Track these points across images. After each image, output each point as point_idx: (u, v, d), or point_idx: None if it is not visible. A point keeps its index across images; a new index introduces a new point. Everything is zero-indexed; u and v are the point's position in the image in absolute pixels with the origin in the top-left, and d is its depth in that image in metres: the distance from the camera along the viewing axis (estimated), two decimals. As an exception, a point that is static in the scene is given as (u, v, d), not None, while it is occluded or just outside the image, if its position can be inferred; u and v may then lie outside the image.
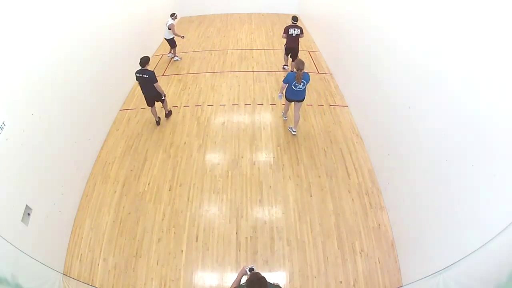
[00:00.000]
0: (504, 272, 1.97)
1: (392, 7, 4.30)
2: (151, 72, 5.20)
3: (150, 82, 5.18)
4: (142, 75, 5.15)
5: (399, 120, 3.98)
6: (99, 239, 4.08)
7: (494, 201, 2.32)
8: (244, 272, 2.62)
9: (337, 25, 6.87)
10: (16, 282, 2.62)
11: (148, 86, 5.27)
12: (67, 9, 4.48)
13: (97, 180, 4.85)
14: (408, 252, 3.63)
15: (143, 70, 5.16)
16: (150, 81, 5.17)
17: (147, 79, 5.14)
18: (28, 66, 3.55)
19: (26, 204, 3.27)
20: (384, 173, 4.49)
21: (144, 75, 5.14)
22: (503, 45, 2.30)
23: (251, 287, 2.12)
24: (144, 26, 7.90)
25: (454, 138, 2.83)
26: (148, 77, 5.13)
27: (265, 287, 2.13)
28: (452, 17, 2.95)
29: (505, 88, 2.26)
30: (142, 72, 5.15)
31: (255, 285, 2.12)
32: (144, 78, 5.16)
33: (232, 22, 11.16)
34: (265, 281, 2.14)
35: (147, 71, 5.16)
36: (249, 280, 2.18)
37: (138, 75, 5.20)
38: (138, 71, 5.18)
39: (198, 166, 5.01)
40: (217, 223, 4.21)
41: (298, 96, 5.11)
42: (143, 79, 5.17)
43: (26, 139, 3.37)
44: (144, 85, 5.30)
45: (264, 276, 2.17)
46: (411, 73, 3.67)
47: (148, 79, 5.14)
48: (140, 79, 5.23)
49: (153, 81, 5.18)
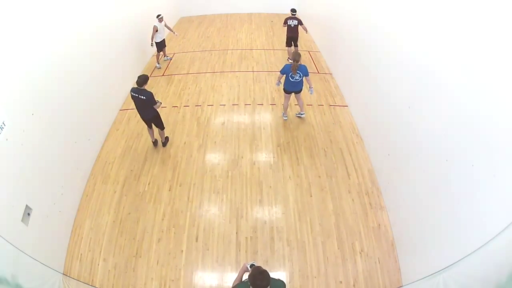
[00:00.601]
0: (504, 272, 1.97)
1: (392, 7, 4.30)
2: (149, 93, 4.58)
3: (147, 104, 4.64)
4: (139, 95, 4.53)
5: (399, 120, 3.98)
6: (99, 239, 4.08)
7: (494, 201, 2.32)
8: (245, 268, 2.63)
9: (337, 25, 6.87)
10: (16, 282, 2.62)
11: (145, 108, 4.73)
12: (67, 9, 4.48)
13: (97, 180, 4.85)
14: (408, 252, 3.63)
15: (140, 90, 4.54)
16: (148, 103, 4.62)
17: (144, 100, 4.56)
18: (28, 66, 3.55)
19: (26, 204, 3.27)
20: (384, 173, 4.49)
21: (140, 96, 4.53)
22: (503, 45, 2.29)
23: (254, 280, 2.12)
24: (144, 26, 7.89)
25: (454, 138, 2.83)
26: (145, 98, 4.53)
27: (268, 280, 2.13)
28: (452, 17, 2.95)
29: (505, 88, 2.26)
30: (139, 93, 4.53)
31: (258, 278, 2.12)
32: (141, 100, 4.57)
33: (232, 22, 11.16)
34: (267, 274, 2.15)
35: (144, 92, 4.54)
36: (251, 274, 2.18)
37: (133, 95, 4.60)
38: (134, 90, 4.58)
39: (198, 166, 5.01)
40: (217, 223, 4.21)
41: (296, 87, 5.43)
42: (140, 100, 4.59)
43: (26, 139, 3.37)
44: (140, 107, 4.76)
45: (266, 271, 2.17)
46: (411, 73, 3.66)
47: (145, 101, 4.57)
48: (136, 100, 4.65)
49: (151, 103, 4.64)
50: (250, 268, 2.54)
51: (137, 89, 4.56)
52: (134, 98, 4.63)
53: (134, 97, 4.62)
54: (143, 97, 4.52)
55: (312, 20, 9.64)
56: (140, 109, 4.81)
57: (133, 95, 4.61)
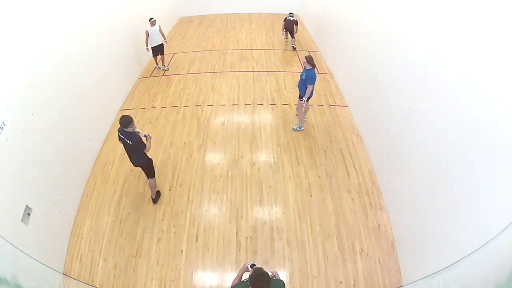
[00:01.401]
0: (504, 272, 1.97)
1: (392, 7, 4.30)
2: (137, 137, 3.85)
3: (135, 149, 3.95)
4: (125, 138, 3.85)
5: (399, 120, 3.98)
6: (99, 239, 4.08)
7: (494, 201, 2.32)
8: (246, 268, 2.62)
9: (337, 25, 6.87)
10: (16, 282, 2.62)
11: (132, 152, 4.05)
12: (68, 10, 4.49)
13: (97, 180, 4.85)
14: (408, 252, 3.63)
15: (127, 133, 3.81)
16: (135, 149, 3.93)
17: (131, 146, 3.86)
18: (29, 66, 3.55)
19: (26, 204, 3.27)
20: (384, 173, 4.49)
21: (127, 140, 3.84)
22: (503, 45, 2.30)
23: (254, 281, 2.12)
24: (144, 27, 7.89)
25: (454, 138, 2.83)
26: (132, 143, 3.83)
27: (268, 282, 2.13)
28: (452, 17, 2.95)
29: (505, 88, 2.26)
30: (125, 135, 3.83)
31: (258, 280, 2.12)
32: (128, 144, 3.88)
33: (232, 22, 11.16)
34: (268, 276, 2.15)
35: (131, 136, 3.82)
36: (252, 275, 2.18)
37: (120, 136, 3.93)
38: (120, 131, 3.88)
39: (198, 166, 5.01)
40: (217, 223, 4.21)
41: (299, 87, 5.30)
42: (127, 144, 3.90)
43: (26, 139, 3.37)
44: (128, 151, 4.06)
45: (267, 272, 2.17)
46: (411, 73, 3.66)
47: (132, 146, 3.87)
48: (123, 143, 3.99)
49: (139, 149, 3.94)
50: (250, 268, 2.54)
51: (123, 131, 3.82)
52: (121, 140, 3.95)
53: (120, 139, 3.94)
54: (130, 142, 3.82)
55: (312, 20, 9.65)
56: (128, 153, 4.10)
57: (120, 137, 3.93)
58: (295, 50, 8.65)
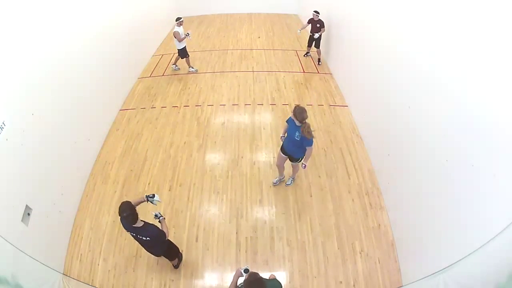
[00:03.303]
0: (504, 272, 1.97)
1: (392, 7, 4.30)
2: (153, 228, 3.01)
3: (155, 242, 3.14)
4: (141, 236, 2.99)
5: (399, 120, 3.98)
6: (99, 239, 4.08)
7: (494, 201, 2.33)
8: (239, 273, 2.61)
9: (337, 25, 6.87)
10: (16, 282, 2.63)
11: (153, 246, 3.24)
12: (68, 10, 4.48)
13: (97, 180, 4.85)
14: (408, 252, 3.63)
15: (137, 229, 2.93)
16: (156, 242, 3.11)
17: (149, 242, 3.06)
18: (29, 66, 3.55)
19: (26, 204, 3.27)
20: (384, 173, 4.49)
21: (142, 237, 2.99)
22: (503, 45, 2.29)
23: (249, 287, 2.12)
24: (144, 27, 7.90)
25: (454, 138, 2.83)
26: (150, 239, 3.02)
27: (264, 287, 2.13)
28: (452, 17, 2.95)
29: (505, 88, 2.26)
30: (138, 233, 2.96)
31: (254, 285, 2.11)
32: (145, 241, 3.05)
33: (232, 22, 11.15)
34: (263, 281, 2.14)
35: (144, 230, 2.97)
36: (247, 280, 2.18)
37: (132, 235, 3.04)
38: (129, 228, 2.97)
39: (198, 166, 5.01)
40: (217, 223, 4.21)
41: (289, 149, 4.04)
42: (143, 241, 3.07)
43: (26, 139, 3.37)
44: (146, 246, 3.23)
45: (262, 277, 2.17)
46: (411, 73, 3.66)
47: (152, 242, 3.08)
48: (138, 241, 3.11)
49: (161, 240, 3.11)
50: (244, 273, 2.53)
51: (133, 228, 2.94)
52: (136, 238, 3.09)
53: (135, 237, 3.07)
54: (147, 238, 3.00)
55: (312, 20, 9.62)
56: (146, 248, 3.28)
57: (134, 236, 3.05)
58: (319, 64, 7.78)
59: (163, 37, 9.87)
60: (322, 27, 7.09)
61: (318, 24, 7.11)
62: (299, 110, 3.55)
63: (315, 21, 7.13)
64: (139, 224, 2.93)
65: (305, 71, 7.60)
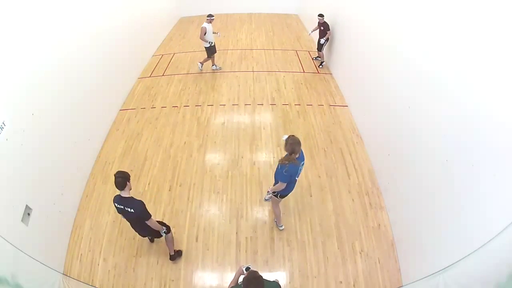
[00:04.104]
0: (504, 272, 1.97)
1: (392, 7, 4.30)
2: (138, 203, 3.05)
3: (138, 218, 3.16)
4: (125, 207, 3.04)
5: (399, 120, 3.98)
6: (99, 239, 4.08)
7: (494, 201, 2.33)
8: (241, 271, 2.62)
9: (337, 25, 6.87)
10: (16, 282, 2.62)
11: (137, 222, 3.29)
12: (68, 10, 4.48)
13: (97, 180, 4.85)
14: (408, 252, 3.63)
15: (124, 199, 3.02)
16: (139, 217, 3.13)
17: (133, 214, 3.07)
18: (29, 66, 3.55)
19: (26, 204, 3.27)
20: (384, 173, 4.49)
21: (127, 208, 3.03)
22: (503, 45, 2.30)
23: (248, 285, 2.12)
24: (144, 27, 7.91)
25: (454, 138, 2.83)
26: (134, 212, 3.04)
27: (262, 286, 2.12)
28: (452, 17, 2.95)
29: (505, 88, 2.26)
30: (124, 203, 3.03)
31: (252, 283, 2.11)
32: (129, 213, 3.08)
33: (232, 22, 11.15)
34: (262, 280, 2.14)
35: (131, 202, 3.03)
36: (246, 278, 2.18)
37: (118, 207, 3.10)
38: (117, 200, 3.07)
39: (198, 166, 5.01)
40: (217, 223, 4.21)
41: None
42: (127, 214, 3.10)
43: (26, 139, 3.37)
44: (131, 222, 3.31)
45: (261, 275, 2.17)
46: (411, 73, 3.67)
47: (134, 215, 3.08)
48: (123, 213, 3.16)
49: (144, 218, 3.12)
50: (245, 271, 2.54)
51: (119, 198, 3.03)
52: (120, 210, 3.13)
53: (119, 209, 3.12)
54: (131, 209, 3.03)
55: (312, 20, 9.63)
56: (131, 223, 3.36)
57: (118, 208, 3.11)
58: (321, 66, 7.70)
59: (163, 37, 9.89)
60: (327, 30, 6.99)
61: (322, 28, 7.05)
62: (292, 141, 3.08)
63: (320, 24, 7.06)
64: (127, 195, 3.03)
65: (305, 71, 7.60)
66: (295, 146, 3.08)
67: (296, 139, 3.13)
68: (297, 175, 3.34)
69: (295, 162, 3.16)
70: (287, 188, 3.40)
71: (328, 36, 7.05)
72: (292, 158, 3.13)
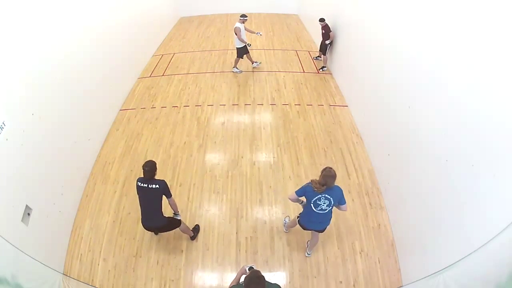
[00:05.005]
0: (504, 272, 1.97)
1: (392, 7, 4.30)
2: (162, 181, 3.37)
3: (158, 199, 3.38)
4: (149, 185, 3.30)
5: (399, 120, 3.98)
6: (99, 239, 4.08)
7: (494, 201, 2.33)
8: (244, 271, 2.62)
9: (337, 25, 6.87)
10: (16, 282, 2.62)
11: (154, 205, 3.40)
12: (68, 10, 4.48)
13: (97, 180, 4.85)
14: (408, 252, 3.63)
15: (149, 180, 3.32)
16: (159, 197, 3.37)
17: (157, 190, 3.30)
18: (29, 66, 3.55)
19: (26, 204, 3.27)
20: (384, 173, 4.49)
21: (151, 185, 3.29)
22: (503, 45, 2.30)
23: (249, 284, 2.11)
24: (144, 27, 7.91)
25: (454, 138, 2.83)
26: (159, 187, 3.30)
27: (263, 285, 2.12)
28: (452, 17, 2.95)
29: (505, 88, 2.26)
30: (148, 182, 3.31)
31: (252, 283, 2.11)
32: (152, 190, 3.30)
33: (232, 22, 11.08)
34: (263, 280, 2.14)
35: (155, 180, 3.35)
36: (248, 277, 2.17)
37: (141, 186, 3.34)
38: (140, 179, 3.37)
39: (198, 166, 5.01)
40: (217, 223, 4.21)
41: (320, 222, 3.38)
42: (150, 192, 3.31)
43: (26, 139, 3.37)
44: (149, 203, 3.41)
45: (264, 275, 2.17)
46: (411, 73, 3.67)
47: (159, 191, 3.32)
48: (144, 192, 3.35)
49: (166, 194, 3.42)
50: (248, 270, 2.54)
51: (145, 180, 3.33)
52: (141, 190, 3.35)
53: (141, 188, 3.34)
54: (156, 185, 3.29)
55: (312, 20, 9.63)
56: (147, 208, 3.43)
57: (140, 186, 3.34)
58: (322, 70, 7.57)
59: (163, 37, 9.89)
60: (329, 32, 6.89)
61: (324, 31, 6.97)
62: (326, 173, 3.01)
63: (321, 27, 6.98)
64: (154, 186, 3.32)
65: (305, 71, 7.60)
66: (328, 179, 3.01)
67: (330, 172, 3.03)
68: (315, 204, 3.13)
69: (319, 189, 3.05)
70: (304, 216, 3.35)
71: (331, 38, 6.99)
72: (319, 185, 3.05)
